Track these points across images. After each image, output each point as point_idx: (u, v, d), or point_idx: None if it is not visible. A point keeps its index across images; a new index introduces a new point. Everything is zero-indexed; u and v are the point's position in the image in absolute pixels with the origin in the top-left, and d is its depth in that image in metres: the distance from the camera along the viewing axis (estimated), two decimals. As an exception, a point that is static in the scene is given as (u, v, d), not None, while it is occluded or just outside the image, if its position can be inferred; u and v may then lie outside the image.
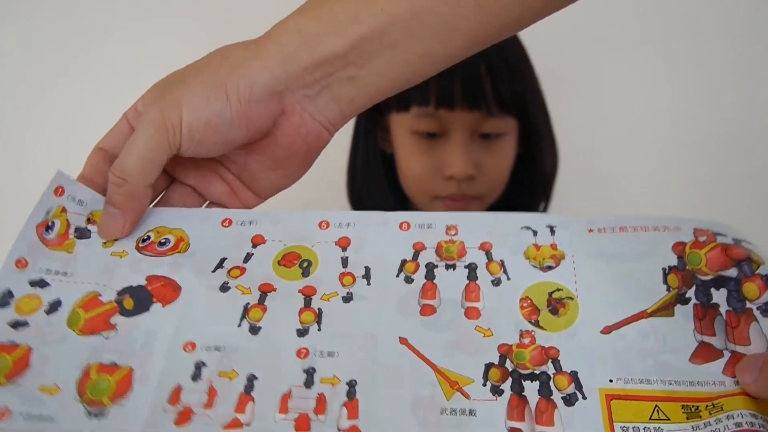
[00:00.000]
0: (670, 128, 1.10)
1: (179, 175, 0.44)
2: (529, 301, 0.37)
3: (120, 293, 0.38)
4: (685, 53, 1.08)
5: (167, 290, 0.38)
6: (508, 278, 0.38)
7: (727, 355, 0.34)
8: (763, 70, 1.08)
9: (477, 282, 0.38)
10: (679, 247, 0.37)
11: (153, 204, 0.44)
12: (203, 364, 0.35)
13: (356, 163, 0.87)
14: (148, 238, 0.41)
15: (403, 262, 0.39)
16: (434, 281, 0.38)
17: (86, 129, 0.57)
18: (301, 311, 0.37)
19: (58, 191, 0.40)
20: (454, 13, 0.39)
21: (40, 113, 1.08)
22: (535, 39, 0.82)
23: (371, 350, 0.35)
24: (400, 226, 0.41)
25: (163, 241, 0.41)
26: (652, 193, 1.11)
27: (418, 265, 0.39)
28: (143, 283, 0.39)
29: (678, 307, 0.36)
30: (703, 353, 0.34)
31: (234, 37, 0.42)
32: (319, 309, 0.37)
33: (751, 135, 1.09)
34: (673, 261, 0.37)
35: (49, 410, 0.33)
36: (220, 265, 0.40)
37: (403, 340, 0.36)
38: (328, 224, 0.41)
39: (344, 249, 0.40)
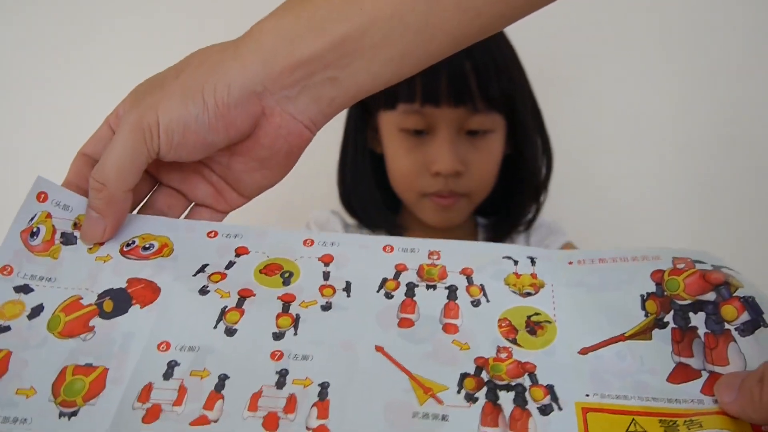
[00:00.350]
0: (668, 129, 1.08)
1: (163, 177, 0.44)
2: (507, 322, 0.36)
3: (100, 296, 0.37)
4: (683, 52, 1.07)
5: (147, 292, 0.37)
6: (488, 300, 0.38)
7: (705, 375, 0.33)
8: (763, 69, 1.06)
9: (456, 302, 0.37)
10: (657, 275, 0.37)
11: (139, 206, 0.44)
12: (176, 363, 0.34)
13: (346, 163, 0.87)
14: (133, 242, 0.40)
15: (384, 280, 0.39)
16: (414, 298, 0.38)
17: (73, 130, 0.56)
18: (278, 316, 0.36)
19: (41, 197, 0.40)
20: (435, 13, 0.39)
21: (27, 114, 1.06)
22: (532, 39, 0.82)
23: (346, 356, 0.34)
24: (384, 249, 0.41)
25: (148, 246, 0.40)
26: (649, 194, 1.09)
27: (398, 284, 0.38)
28: (124, 285, 0.38)
29: (656, 332, 0.35)
30: (681, 374, 0.33)
31: (229, 32, 0.42)
32: (297, 315, 0.36)
33: (751, 136, 1.07)
34: (651, 288, 0.37)
35: (24, 412, 0.32)
36: (201, 269, 0.39)
37: (379, 348, 0.35)
38: (312, 242, 0.41)
39: (327, 264, 0.40)
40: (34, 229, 0.39)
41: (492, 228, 0.90)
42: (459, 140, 0.78)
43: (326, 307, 0.37)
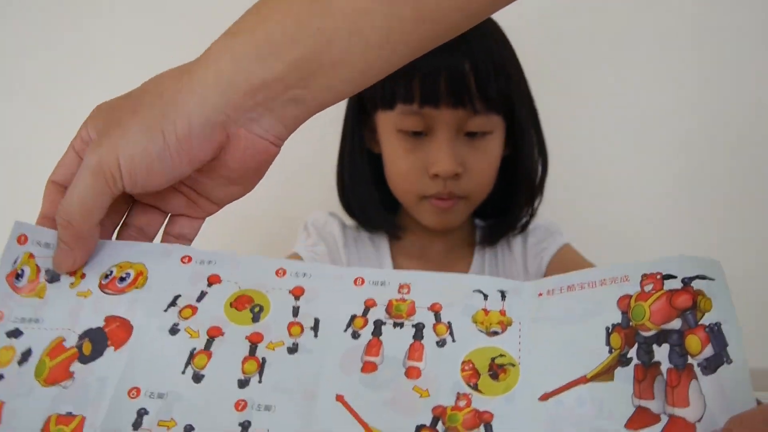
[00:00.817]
0: (666, 129, 1.05)
1: (138, 195, 0.43)
2: (471, 365, 0.36)
3: (81, 337, 0.37)
4: (683, 51, 1.04)
5: (120, 331, 0.37)
6: (454, 340, 0.37)
7: (664, 419, 0.31)
8: (763, 69, 1.02)
9: (422, 341, 0.37)
10: (624, 302, 0.35)
11: (118, 226, 0.44)
12: (145, 411, 0.34)
13: (344, 163, 0.84)
14: (111, 273, 0.40)
15: (353, 317, 0.38)
16: (380, 338, 0.37)
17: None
18: (245, 360, 0.36)
19: (21, 239, 0.40)
20: (394, 28, 0.37)
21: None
22: (530, 39, 0.79)
23: (307, 407, 0.34)
24: (355, 282, 0.40)
25: (124, 276, 0.40)
26: (649, 195, 1.06)
27: (366, 321, 0.38)
28: (101, 324, 0.38)
29: (618, 371, 0.34)
30: (640, 419, 0.32)
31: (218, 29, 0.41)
32: (263, 359, 0.36)
33: (752, 137, 1.03)
34: (617, 318, 0.35)
35: None
36: (173, 303, 0.39)
37: (339, 398, 0.34)
38: (285, 272, 0.40)
39: (297, 298, 0.39)
40: (19, 271, 0.39)
41: (489, 230, 0.87)
42: (458, 141, 0.75)
43: (292, 350, 0.37)
